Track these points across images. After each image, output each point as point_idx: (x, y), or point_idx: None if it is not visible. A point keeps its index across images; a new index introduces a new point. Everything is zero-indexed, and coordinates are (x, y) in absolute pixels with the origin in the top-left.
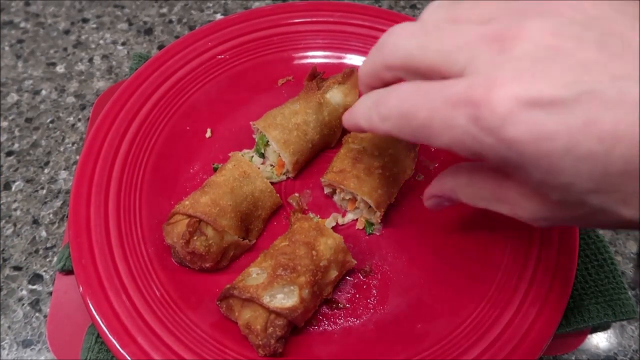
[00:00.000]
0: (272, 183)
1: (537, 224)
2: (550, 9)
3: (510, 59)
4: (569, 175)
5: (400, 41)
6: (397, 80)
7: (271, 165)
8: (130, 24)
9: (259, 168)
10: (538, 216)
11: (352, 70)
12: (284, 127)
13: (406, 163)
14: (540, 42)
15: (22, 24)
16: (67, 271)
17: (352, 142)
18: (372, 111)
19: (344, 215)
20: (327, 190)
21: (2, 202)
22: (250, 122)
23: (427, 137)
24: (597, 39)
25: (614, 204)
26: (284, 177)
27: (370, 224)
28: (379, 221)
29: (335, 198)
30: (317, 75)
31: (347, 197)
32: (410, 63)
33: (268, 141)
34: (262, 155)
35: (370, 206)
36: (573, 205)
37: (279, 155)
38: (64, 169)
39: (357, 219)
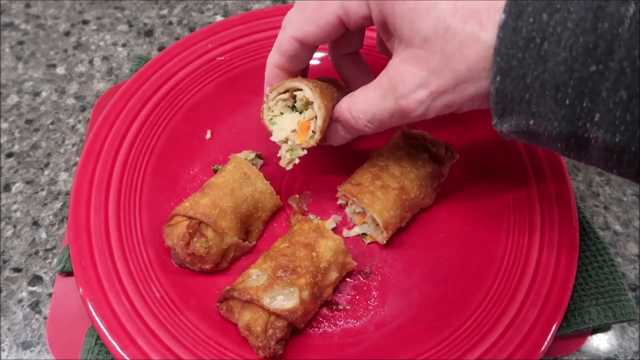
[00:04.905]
0: (293, 164)
1: (417, 99)
2: None
3: None
4: None
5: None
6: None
7: (286, 140)
8: (131, 26)
9: (261, 172)
10: (416, 82)
11: None
12: (316, 83)
13: (427, 190)
14: None
15: (23, 26)
16: (67, 273)
17: (376, 158)
18: None
19: (350, 229)
20: (340, 201)
21: (2, 203)
22: (267, 88)
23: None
24: None
25: (475, 29)
26: (305, 151)
27: (365, 234)
28: (384, 242)
29: (347, 210)
30: None
31: (358, 211)
32: None
33: (275, 117)
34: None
35: (377, 224)
36: (444, 41)
37: (301, 119)
38: (64, 171)
39: (361, 234)
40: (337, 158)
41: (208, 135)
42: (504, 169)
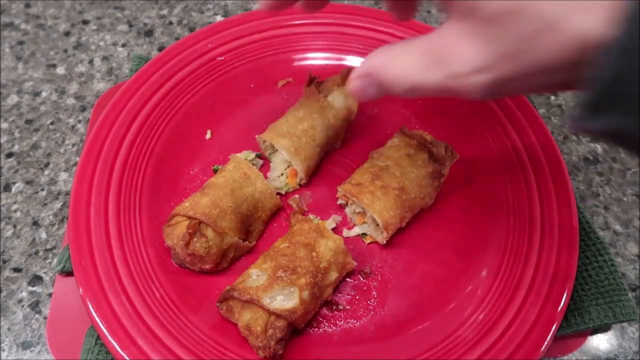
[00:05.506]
0: (287, 192)
1: (475, 82)
2: None
3: None
4: None
5: None
6: None
7: (281, 174)
8: (131, 26)
9: (261, 172)
10: (478, 64)
11: (350, 70)
12: (292, 135)
13: (427, 190)
14: None
15: (23, 26)
16: (67, 273)
17: (376, 159)
18: None
19: (350, 229)
20: (340, 201)
21: (2, 203)
22: (256, 136)
23: None
24: None
25: (570, 11)
26: (298, 186)
27: (365, 234)
28: (384, 242)
29: (347, 210)
30: (314, 79)
31: (358, 211)
32: None
33: (271, 154)
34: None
35: (377, 224)
36: (527, 23)
37: (289, 165)
38: (64, 171)
39: (362, 233)
40: (337, 158)
41: (208, 135)
42: (504, 169)
